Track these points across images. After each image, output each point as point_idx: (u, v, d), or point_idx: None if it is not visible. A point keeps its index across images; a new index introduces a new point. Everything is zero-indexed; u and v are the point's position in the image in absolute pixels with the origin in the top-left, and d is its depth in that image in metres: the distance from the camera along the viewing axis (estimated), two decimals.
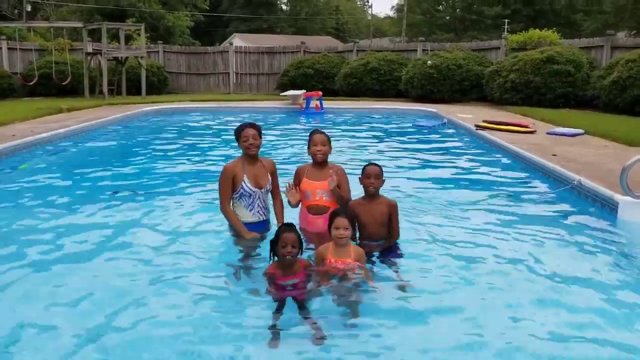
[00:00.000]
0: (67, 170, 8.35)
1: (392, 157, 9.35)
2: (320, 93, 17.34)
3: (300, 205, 4.75)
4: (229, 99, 20.34)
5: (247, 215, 4.73)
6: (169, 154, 9.99)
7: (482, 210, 6.01)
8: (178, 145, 10.89)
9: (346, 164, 6.59)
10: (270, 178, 4.80)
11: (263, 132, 4.84)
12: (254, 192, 4.68)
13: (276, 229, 3.98)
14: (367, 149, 10.25)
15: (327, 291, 3.78)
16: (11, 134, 10.28)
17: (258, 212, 4.76)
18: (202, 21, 52.39)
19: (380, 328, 3.41)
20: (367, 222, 4.46)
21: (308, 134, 4.82)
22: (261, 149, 4.79)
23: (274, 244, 3.80)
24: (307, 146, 4.75)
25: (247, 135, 4.65)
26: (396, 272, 4.22)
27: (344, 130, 12.65)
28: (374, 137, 12.05)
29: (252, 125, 4.74)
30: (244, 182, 4.65)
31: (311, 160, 4.76)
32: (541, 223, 5.54)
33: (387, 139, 11.68)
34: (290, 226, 3.86)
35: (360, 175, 4.54)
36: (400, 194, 6.35)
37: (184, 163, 8.99)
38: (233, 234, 4.81)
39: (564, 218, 5.76)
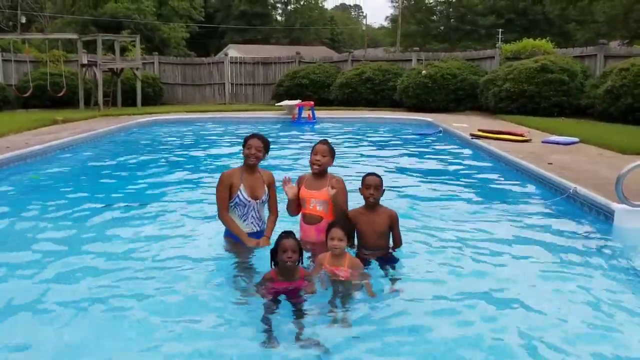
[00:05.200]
0: (61, 182, 8.31)
1: (386, 166, 9.34)
2: (312, 103, 17.36)
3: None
4: (224, 110, 20.34)
5: (240, 225, 4.71)
6: (163, 164, 9.96)
7: (478, 219, 5.99)
8: (173, 156, 10.87)
9: (339, 173, 6.57)
10: (267, 190, 4.78)
11: None
12: (249, 202, 4.67)
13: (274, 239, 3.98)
14: (360, 159, 10.24)
15: (323, 296, 3.81)
16: (5, 146, 10.23)
17: (252, 222, 4.74)
18: (197, 32, 52.57)
19: (376, 334, 3.39)
20: (366, 232, 4.45)
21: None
22: None
23: (273, 252, 3.83)
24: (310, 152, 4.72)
25: (251, 145, 4.66)
26: (392, 279, 4.21)
27: (336, 140, 12.66)
28: (368, 146, 12.05)
29: (260, 138, 4.73)
30: (240, 192, 4.64)
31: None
32: (537, 231, 5.53)
33: (381, 148, 11.69)
34: (289, 233, 3.89)
35: (360, 186, 4.53)
36: (395, 203, 6.32)
37: (178, 173, 8.95)
38: (227, 242, 4.80)
39: (560, 226, 5.74)
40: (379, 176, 4.53)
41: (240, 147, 4.82)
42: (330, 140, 5.05)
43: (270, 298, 3.75)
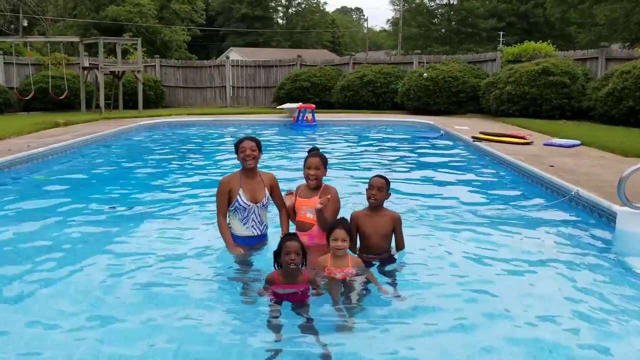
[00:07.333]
0: (62, 184, 8.31)
1: (387, 168, 9.33)
2: (314, 106, 17.36)
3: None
4: (226, 113, 20.37)
5: (241, 228, 4.71)
6: (165, 167, 9.96)
7: (479, 221, 5.98)
8: (174, 159, 10.87)
9: (338, 177, 6.57)
10: (267, 193, 4.76)
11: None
12: (248, 206, 4.65)
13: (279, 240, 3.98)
14: (360, 161, 10.24)
15: (328, 298, 3.81)
16: (7, 149, 10.24)
17: (252, 226, 4.72)
18: (198, 35, 52.70)
19: (378, 336, 3.39)
20: (369, 234, 4.45)
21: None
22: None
23: (277, 254, 3.82)
24: (303, 164, 4.70)
25: (245, 147, 4.65)
26: (394, 282, 4.21)
27: (337, 142, 12.69)
28: (369, 149, 12.05)
29: (250, 138, 4.74)
30: (239, 196, 4.63)
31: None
32: (539, 234, 5.52)
33: (382, 151, 11.68)
34: (293, 235, 3.89)
35: (367, 187, 4.54)
36: (396, 206, 6.32)
37: (180, 176, 8.96)
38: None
39: (561, 229, 5.73)
40: (384, 178, 4.52)
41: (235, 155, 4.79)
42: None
43: (274, 302, 3.73)
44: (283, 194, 4.84)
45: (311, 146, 4.93)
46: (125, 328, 3.52)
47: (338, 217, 4.44)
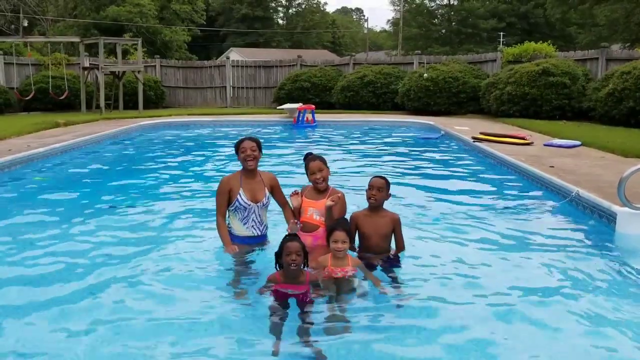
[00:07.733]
0: (62, 184, 8.32)
1: (387, 169, 9.32)
2: (313, 107, 17.35)
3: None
4: (226, 113, 20.38)
5: (241, 228, 4.71)
6: (165, 167, 9.96)
7: (479, 222, 5.98)
8: (174, 159, 10.87)
9: (337, 177, 6.55)
10: (268, 192, 4.77)
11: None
12: (249, 205, 4.66)
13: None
14: (361, 162, 10.24)
15: (329, 298, 3.82)
16: (7, 149, 10.24)
17: (252, 226, 4.73)
18: (199, 36, 52.74)
19: (378, 336, 3.39)
20: (369, 234, 4.46)
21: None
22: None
23: (278, 255, 3.82)
24: (305, 171, 4.69)
25: (245, 147, 4.67)
26: (394, 282, 4.20)
27: (337, 143, 12.69)
28: (369, 149, 12.04)
29: (251, 138, 4.76)
30: (240, 195, 4.64)
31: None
32: (539, 235, 5.52)
33: (381, 152, 11.68)
34: (294, 236, 3.89)
35: (367, 187, 4.55)
36: (397, 207, 6.32)
37: (180, 176, 8.96)
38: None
39: (561, 229, 5.74)
40: (384, 179, 4.54)
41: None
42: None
43: (277, 302, 3.72)
44: (286, 195, 4.85)
45: (306, 152, 4.94)
46: (121, 328, 3.51)
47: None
